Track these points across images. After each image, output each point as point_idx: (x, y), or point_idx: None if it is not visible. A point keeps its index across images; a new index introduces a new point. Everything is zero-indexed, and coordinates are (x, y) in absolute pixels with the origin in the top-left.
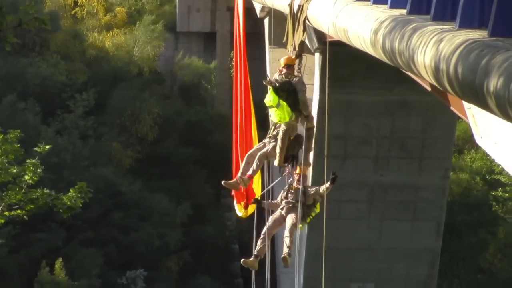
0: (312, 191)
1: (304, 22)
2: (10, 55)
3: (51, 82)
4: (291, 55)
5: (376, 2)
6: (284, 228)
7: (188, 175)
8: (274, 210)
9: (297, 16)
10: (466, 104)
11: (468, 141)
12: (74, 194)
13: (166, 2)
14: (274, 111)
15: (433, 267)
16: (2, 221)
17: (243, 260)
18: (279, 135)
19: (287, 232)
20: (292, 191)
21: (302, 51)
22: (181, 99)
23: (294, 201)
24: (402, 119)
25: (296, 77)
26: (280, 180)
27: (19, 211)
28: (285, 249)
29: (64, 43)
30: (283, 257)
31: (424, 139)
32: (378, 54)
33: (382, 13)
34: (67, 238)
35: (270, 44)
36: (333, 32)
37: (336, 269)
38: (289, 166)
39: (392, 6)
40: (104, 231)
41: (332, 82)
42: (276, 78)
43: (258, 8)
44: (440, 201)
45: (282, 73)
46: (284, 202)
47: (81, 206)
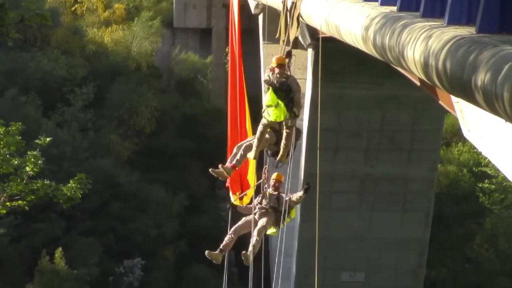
0: (286, 198)
1: (298, 18)
2: (12, 50)
3: (51, 76)
4: (283, 52)
5: None
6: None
7: (184, 167)
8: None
9: (290, 13)
10: (454, 99)
11: (456, 134)
12: (73, 185)
13: None
14: (272, 110)
15: (421, 257)
16: (4, 211)
17: (207, 252)
18: (258, 129)
19: (256, 232)
20: (267, 197)
21: (296, 47)
22: (177, 93)
23: (267, 206)
24: (392, 112)
25: (289, 76)
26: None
27: (20, 202)
28: (250, 247)
29: (64, 38)
30: (244, 253)
31: (413, 132)
32: (369, 49)
33: (373, 10)
34: (67, 228)
35: (264, 39)
36: (325, 29)
37: (327, 258)
38: (266, 173)
39: (383, 4)
40: (102, 221)
41: (324, 77)
42: (270, 77)
43: (252, 5)
44: (428, 192)
45: (276, 72)
46: (257, 207)
47: (80, 197)
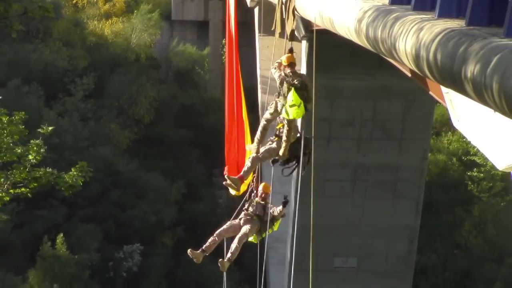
0: (270, 211)
1: (293, 11)
2: (14, 42)
3: (53, 67)
4: (285, 51)
5: None
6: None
7: (182, 155)
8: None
9: (285, 6)
10: (444, 89)
11: (446, 124)
12: (75, 173)
13: None
14: (294, 109)
15: (412, 243)
16: (7, 198)
17: (189, 250)
18: (260, 125)
19: (237, 239)
20: (254, 205)
21: (292, 39)
22: (175, 83)
23: (253, 214)
24: (383, 103)
25: (301, 74)
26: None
27: (23, 189)
28: (228, 254)
29: (66, 30)
30: (221, 260)
31: (404, 122)
32: (362, 41)
33: (366, 3)
34: (68, 214)
35: (259, 32)
36: (319, 21)
37: (320, 244)
38: (254, 181)
39: None
40: (102, 208)
41: (318, 68)
42: (286, 77)
43: None
44: (419, 180)
45: (287, 72)
46: (243, 213)
47: (81, 184)
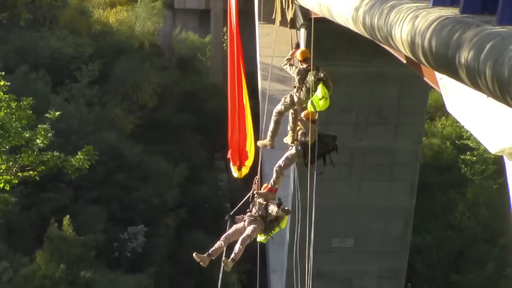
0: (269, 211)
1: (293, 0)
2: (22, 30)
3: (60, 54)
4: (295, 45)
5: None
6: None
7: (184, 139)
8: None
9: None
10: (439, 75)
11: (440, 109)
12: (81, 157)
13: None
14: (323, 101)
15: (407, 224)
16: (16, 181)
17: (195, 254)
18: (272, 119)
19: (240, 240)
20: (257, 206)
21: (293, 27)
22: (178, 70)
23: (256, 214)
24: (379, 88)
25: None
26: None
27: (31, 172)
28: (232, 254)
29: (72, 18)
30: (224, 259)
31: (399, 107)
32: (359, 29)
33: None
34: (74, 197)
35: (259, 20)
36: (318, 10)
37: (318, 225)
38: (257, 182)
39: None
40: (108, 191)
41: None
42: (304, 71)
43: None
44: (414, 163)
45: (304, 66)
46: (247, 215)
47: (87, 167)
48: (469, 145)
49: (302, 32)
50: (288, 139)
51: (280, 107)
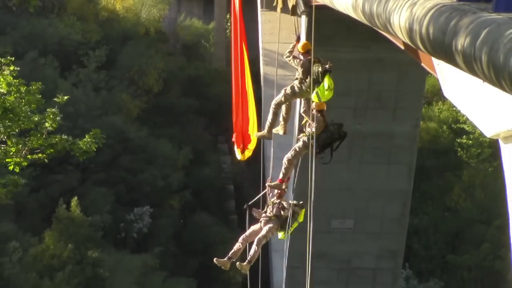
0: (284, 206)
1: None
2: (31, 17)
3: (68, 40)
4: (296, 40)
5: None
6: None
7: (188, 123)
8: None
9: None
10: (436, 61)
11: (437, 94)
12: (89, 140)
13: None
14: (328, 92)
15: (405, 206)
16: (25, 163)
17: (216, 259)
18: (271, 110)
19: (256, 241)
20: (270, 206)
21: (294, 14)
22: (183, 56)
23: (271, 215)
24: (378, 74)
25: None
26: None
27: (40, 155)
28: (248, 257)
29: (79, 6)
30: (239, 264)
31: (397, 92)
32: (359, 16)
33: None
34: (82, 179)
35: (262, 7)
36: None
37: (319, 207)
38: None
39: None
40: (114, 173)
41: (316, 41)
42: (308, 62)
43: None
44: (411, 147)
45: (308, 57)
46: (262, 217)
47: (94, 150)
48: (465, 129)
49: (303, 19)
50: (280, 129)
51: (279, 99)
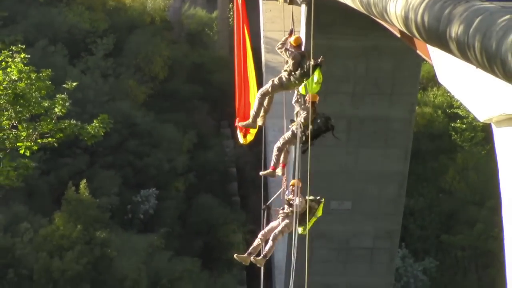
0: (296, 202)
1: None
2: (41, 6)
3: (76, 29)
4: (288, 34)
5: None
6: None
7: (193, 108)
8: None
9: None
10: (431, 48)
11: (432, 80)
12: (97, 125)
13: None
14: (316, 85)
15: (401, 187)
16: (36, 147)
17: (236, 255)
18: (257, 99)
19: (272, 236)
20: (287, 203)
21: (292, 3)
22: (187, 44)
23: (288, 211)
24: (375, 61)
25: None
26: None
27: (50, 139)
28: (264, 252)
29: None
30: (254, 258)
31: (394, 78)
32: (356, 5)
33: None
34: (90, 162)
35: None
36: None
37: (318, 189)
38: (285, 181)
39: None
40: (121, 156)
41: (315, 29)
42: (299, 57)
43: None
44: (407, 131)
45: (300, 51)
46: (280, 213)
47: (102, 134)
48: (459, 113)
49: (303, 8)
50: (260, 120)
51: (266, 89)
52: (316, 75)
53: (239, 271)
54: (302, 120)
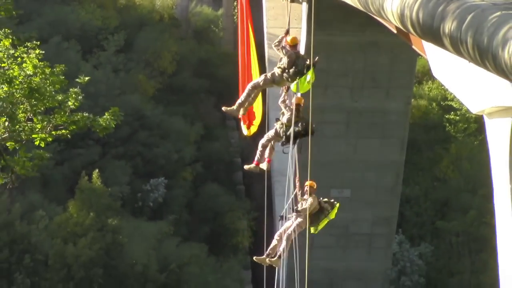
0: (307, 203)
1: None
2: (55, 4)
3: (89, 26)
4: (284, 33)
5: None
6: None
7: (199, 101)
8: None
9: None
10: (425, 43)
11: (426, 73)
12: (108, 117)
13: None
14: (307, 85)
15: (398, 176)
16: (50, 139)
17: (255, 257)
18: (247, 91)
19: (285, 236)
20: (300, 202)
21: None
22: (194, 40)
23: (301, 211)
24: (373, 56)
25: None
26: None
27: (63, 131)
28: (278, 252)
29: None
30: (269, 260)
31: (390, 72)
32: (354, 3)
33: None
34: (102, 153)
35: None
36: None
37: (319, 178)
38: (298, 181)
39: None
40: (132, 147)
41: (316, 26)
42: (299, 59)
43: None
44: (403, 122)
45: (295, 51)
46: (294, 213)
47: (113, 126)
48: (453, 106)
49: (304, 6)
50: (242, 111)
51: (258, 82)
52: (310, 75)
53: (244, 256)
54: (285, 120)
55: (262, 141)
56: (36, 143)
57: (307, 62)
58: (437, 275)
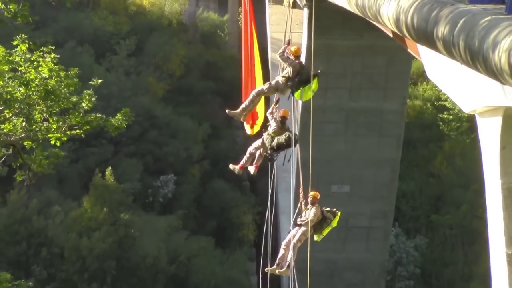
0: (308, 214)
1: None
2: (69, 11)
3: (101, 31)
4: (286, 43)
5: None
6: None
7: (206, 102)
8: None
9: None
10: (420, 47)
11: (421, 75)
12: (120, 117)
13: None
14: (310, 93)
15: (394, 172)
16: (65, 138)
17: (266, 269)
18: (249, 98)
19: (292, 245)
20: (304, 212)
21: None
22: (201, 44)
23: (305, 220)
24: (370, 58)
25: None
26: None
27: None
28: (286, 262)
29: (111, 1)
30: (278, 271)
31: (387, 74)
32: (353, 8)
33: None
34: (115, 151)
35: (269, 1)
36: None
37: (319, 174)
38: (301, 191)
39: None
40: (143, 146)
41: (316, 31)
42: (303, 68)
43: None
44: (399, 121)
45: (297, 61)
46: (298, 221)
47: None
48: (446, 106)
49: (305, 11)
50: (243, 118)
51: (262, 89)
52: (314, 85)
53: (249, 248)
54: (270, 131)
55: (250, 148)
56: (52, 142)
57: (312, 72)
58: (431, 265)
